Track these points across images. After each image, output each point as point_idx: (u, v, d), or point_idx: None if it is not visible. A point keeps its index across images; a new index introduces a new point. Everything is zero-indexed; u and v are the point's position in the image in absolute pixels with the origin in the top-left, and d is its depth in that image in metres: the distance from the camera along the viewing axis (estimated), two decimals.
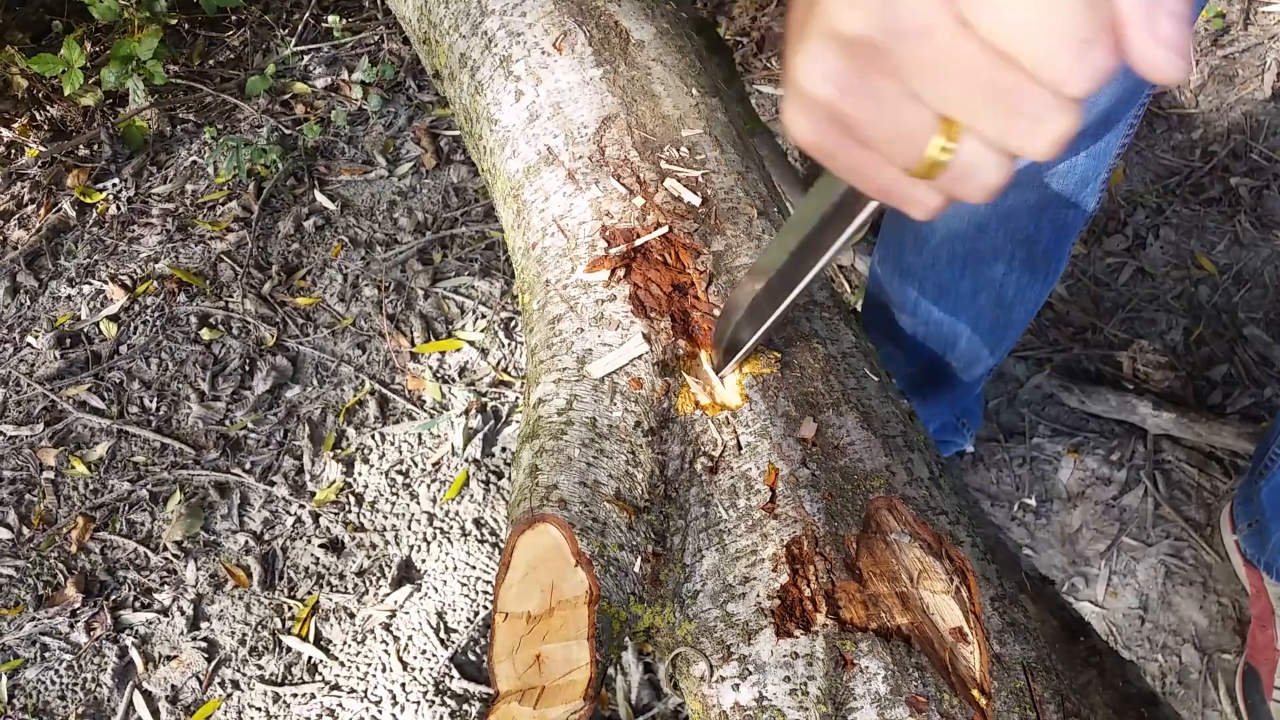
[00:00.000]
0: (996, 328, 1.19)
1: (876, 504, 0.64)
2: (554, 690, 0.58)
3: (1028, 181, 0.98)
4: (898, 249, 1.21)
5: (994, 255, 1.10)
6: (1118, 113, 0.90)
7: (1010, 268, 1.11)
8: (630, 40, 0.89)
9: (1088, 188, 1.00)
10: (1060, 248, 1.10)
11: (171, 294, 1.98)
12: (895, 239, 1.22)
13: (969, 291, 1.15)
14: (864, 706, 0.55)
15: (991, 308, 1.15)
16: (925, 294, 1.19)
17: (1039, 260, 1.10)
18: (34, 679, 1.52)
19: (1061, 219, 1.05)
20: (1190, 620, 1.36)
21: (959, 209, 1.06)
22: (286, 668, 1.49)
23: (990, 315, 1.16)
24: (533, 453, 0.67)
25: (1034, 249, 1.09)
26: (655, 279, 0.73)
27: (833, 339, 0.73)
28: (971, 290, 1.15)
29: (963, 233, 1.09)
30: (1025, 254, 1.09)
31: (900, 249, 1.20)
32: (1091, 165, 0.97)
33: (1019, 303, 1.15)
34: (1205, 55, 1.94)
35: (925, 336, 1.25)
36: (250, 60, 2.40)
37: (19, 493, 1.74)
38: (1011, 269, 1.11)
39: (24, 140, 2.29)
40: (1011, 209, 1.03)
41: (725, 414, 0.68)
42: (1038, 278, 1.13)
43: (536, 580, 0.62)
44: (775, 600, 0.60)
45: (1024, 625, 0.62)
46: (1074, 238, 1.10)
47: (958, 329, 1.20)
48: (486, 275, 1.91)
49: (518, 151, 0.85)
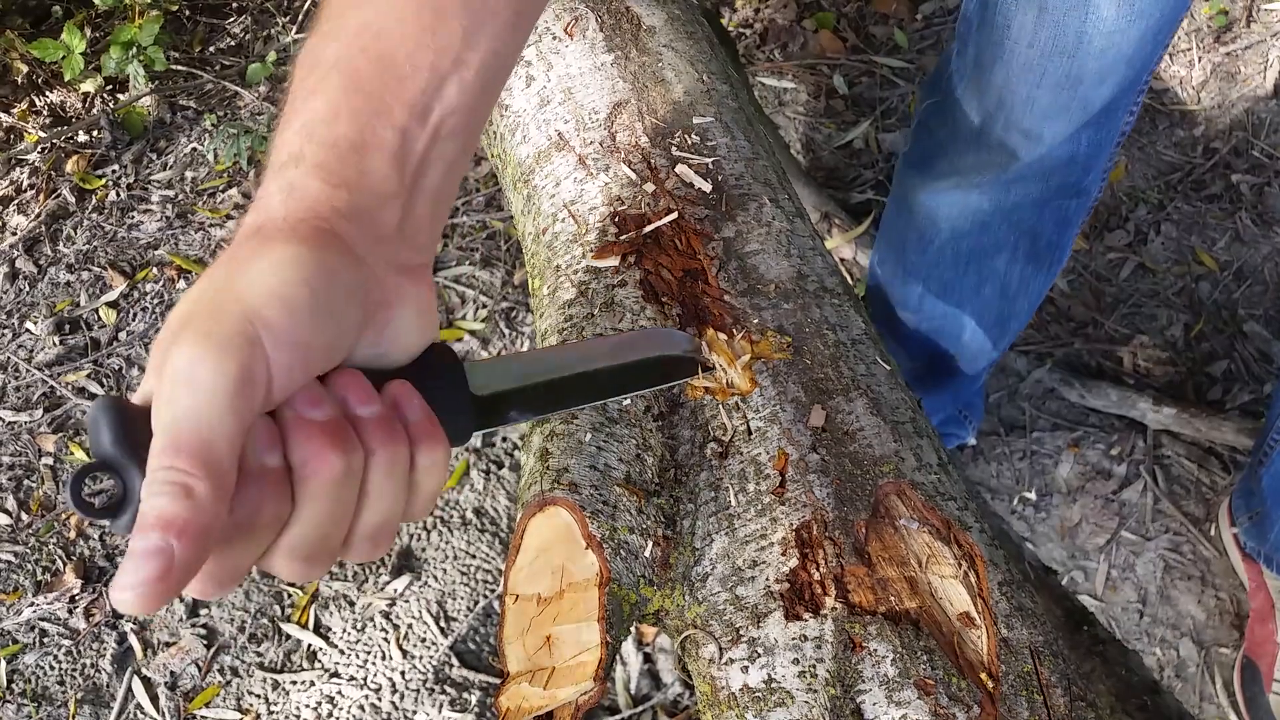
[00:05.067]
0: (1001, 319, 1.19)
1: (885, 489, 0.65)
2: (564, 671, 0.59)
3: (1033, 175, 0.99)
4: (900, 248, 1.22)
5: (997, 249, 1.11)
6: (1119, 100, 0.91)
7: (1014, 260, 1.11)
8: (641, 26, 0.89)
9: (1089, 176, 1.01)
10: (1063, 238, 1.11)
11: (171, 281, 1.97)
12: (897, 240, 1.22)
13: (973, 286, 1.16)
14: (872, 689, 0.56)
15: (996, 300, 1.16)
16: (930, 290, 1.19)
17: (1042, 251, 1.11)
18: (33, 664, 1.52)
19: (1064, 210, 1.06)
20: (1188, 614, 1.37)
21: (963, 207, 1.07)
22: (286, 655, 1.49)
23: (995, 307, 1.17)
24: (543, 437, 0.67)
25: (1038, 241, 1.09)
26: (666, 265, 0.73)
27: (842, 325, 0.73)
28: (976, 284, 1.15)
29: (967, 230, 1.09)
30: (1029, 246, 1.10)
31: (902, 248, 1.21)
32: (1093, 154, 0.97)
33: (1023, 294, 1.16)
34: (1208, 52, 1.95)
35: (929, 331, 1.26)
36: (251, 47, 2.39)
37: (18, 478, 1.73)
38: (1015, 261, 1.11)
39: (23, 126, 2.28)
40: (1017, 203, 1.04)
41: (735, 399, 0.68)
42: (1041, 268, 1.13)
43: (547, 563, 0.62)
44: (784, 584, 0.61)
45: (1031, 610, 0.62)
46: (1077, 227, 1.10)
47: (962, 322, 1.20)
48: (487, 265, 1.91)
49: (528, 137, 0.85)
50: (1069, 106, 0.89)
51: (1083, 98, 0.88)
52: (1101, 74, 0.86)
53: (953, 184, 1.06)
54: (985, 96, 0.93)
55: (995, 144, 0.96)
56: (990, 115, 0.94)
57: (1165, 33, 0.86)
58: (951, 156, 1.04)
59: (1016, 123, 0.93)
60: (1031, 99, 0.89)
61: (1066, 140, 0.94)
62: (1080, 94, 0.88)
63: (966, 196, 1.05)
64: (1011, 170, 0.97)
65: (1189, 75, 1.93)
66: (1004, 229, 1.08)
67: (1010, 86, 0.90)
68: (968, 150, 1.00)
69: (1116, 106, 0.92)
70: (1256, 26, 1.96)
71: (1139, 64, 0.87)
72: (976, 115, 0.96)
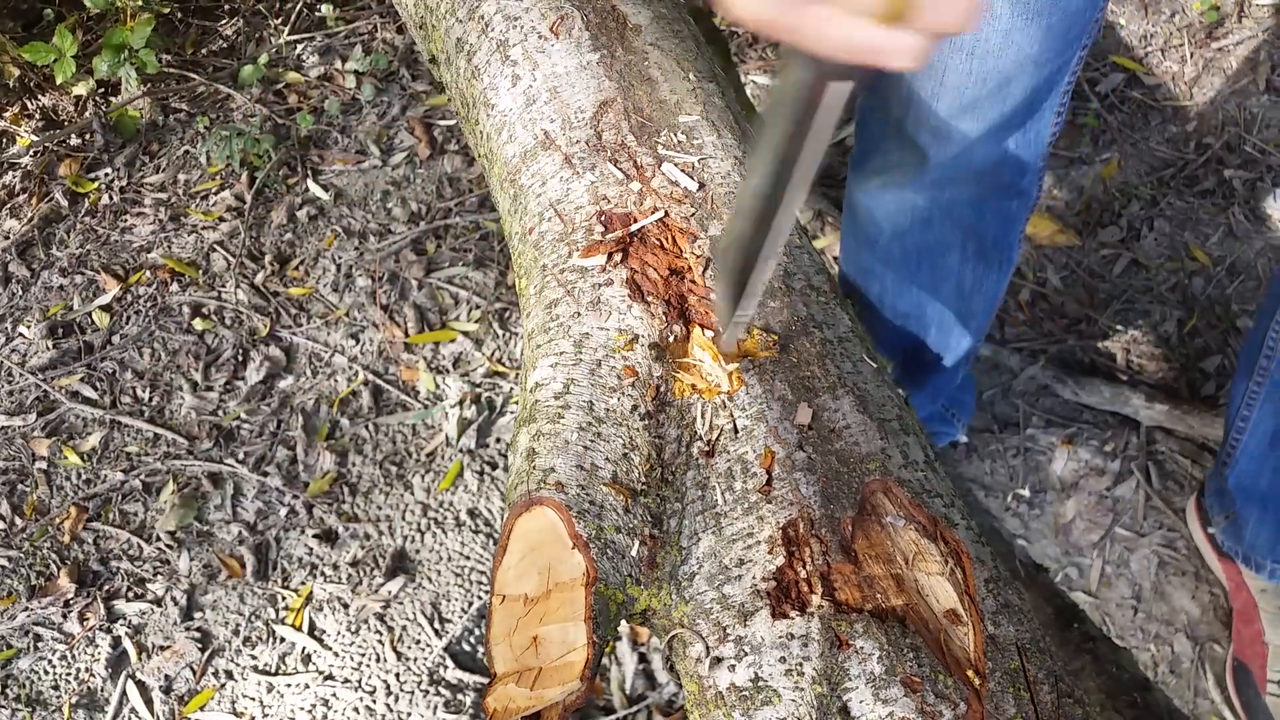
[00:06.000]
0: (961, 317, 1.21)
1: (872, 487, 0.64)
2: (551, 671, 0.58)
3: (961, 174, 0.99)
4: (854, 251, 1.24)
5: (945, 248, 1.12)
6: (1038, 100, 0.91)
7: (964, 258, 1.12)
8: (628, 24, 0.89)
9: (1025, 178, 1.02)
10: (1008, 237, 1.12)
11: (164, 284, 1.97)
12: (849, 243, 1.24)
13: (929, 284, 1.17)
14: (859, 686, 0.56)
15: (954, 298, 1.17)
16: (887, 291, 1.21)
17: (990, 250, 1.12)
18: (27, 669, 1.52)
19: (1005, 209, 1.07)
20: (1182, 610, 1.37)
21: (900, 205, 1.07)
22: (280, 658, 1.49)
23: (954, 306, 1.19)
24: (530, 436, 0.67)
25: (983, 240, 1.10)
26: (652, 263, 0.73)
27: (829, 323, 0.73)
28: (931, 282, 1.17)
29: (908, 228, 1.10)
30: (976, 245, 1.11)
31: (856, 250, 1.22)
32: (1025, 154, 0.97)
33: (978, 292, 1.17)
34: (1200, 48, 1.95)
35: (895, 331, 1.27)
36: (243, 49, 2.39)
37: (11, 483, 1.73)
38: (965, 259, 1.13)
39: (15, 129, 2.27)
40: (952, 201, 1.04)
41: (722, 398, 0.68)
42: (991, 267, 1.15)
43: (534, 563, 0.62)
44: (771, 582, 0.60)
45: (1018, 607, 0.62)
46: (1021, 226, 1.11)
47: (925, 321, 1.22)
48: (481, 266, 1.91)
49: (514, 136, 0.85)
50: (975, 106, 0.88)
51: (989, 98, 0.87)
52: (1005, 73, 0.85)
53: (883, 182, 1.07)
54: (899, 94, 0.94)
55: (908, 142, 0.97)
56: (904, 113, 0.95)
57: (1075, 32, 0.85)
58: (883, 154, 1.05)
59: (924, 120, 0.93)
60: (936, 95, 0.89)
61: (982, 140, 0.93)
62: (985, 95, 0.87)
63: (901, 194, 1.06)
64: (932, 169, 0.98)
65: (1181, 71, 1.94)
66: (946, 226, 1.08)
67: (914, 85, 0.90)
68: (893, 148, 1.01)
69: (1035, 106, 0.91)
70: (1248, 22, 1.96)
71: (1051, 65, 0.86)
72: (894, 112, 0.97)
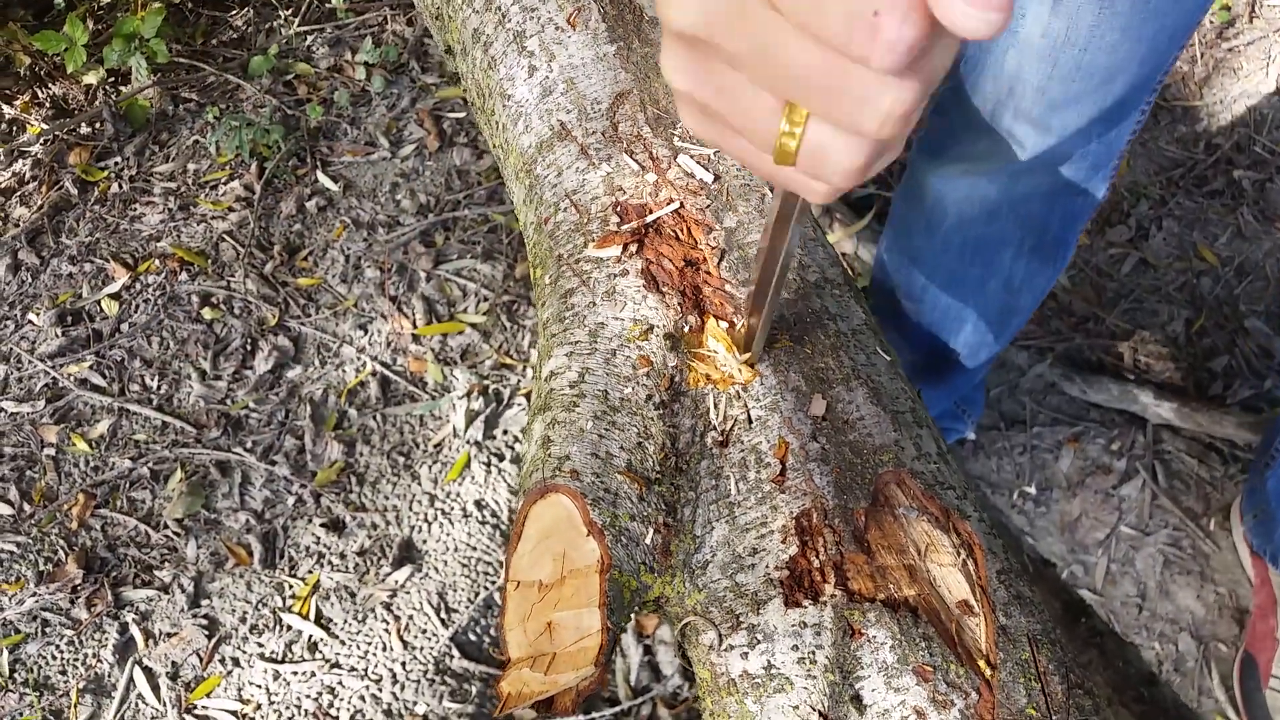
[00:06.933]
0: (1003, 314, 1.19)
1: (885, 478, 0.65)
2: (565, 656, 0.59)
3: (1042, 167, 0.99)
4: (907, 234, 1.22)
5: (1003, 242, 1.11)
6: (1133, 99, 0.91)
7: (1019, 254, 1.11)
8: (644, 17, 0.89)
9: (1098, 174, 1.01)
10: (1069, 234, 1.11)
11: (173, 273, 1.97)
12: (905, 224, 1.22)
13: (978, 278, 1.16)
14: (871, 675, 0.56)
15: (1000, 294, 1.16)
16: (934, 280, 1.19)
17: (1048, 247, 1.11)
18: (35, 654, 1.53)
19: (1072, 205, 1.06)
20: (1187, 609, 1.37)
21: (971, 194, 1.07)
22: (287, 645, 1.50)
23: (998, 302, 1.17)
24: (545, 425, 0.68)
25: (1044, 235, 1.09)
26: (667, 254, 0.73)
27: (843, 315, 0.73)
28: (980, 277, 1.15)
29: (974, 218, 1.09)
30: (1035, 240, 1.10)
31: (909, 234, 1.21)
32: (1103, 151, 0.97)
33: (1026, 289, 1.16)
34: (1210, 48, 1.95)
35: (931, 324, 1.26)
36: (253, 40, 2.39)
37: (20, 469, 1.74)
38: (1020, 255, 1.12)
39: (26, 118, 2.28)
40: (1025, 195, 1.04)
41: (736, 388, 0.68)
42: (1046, 264, 1.13)
43: (548, 549, 0.63)
44: (784, 571, 0.61)
45: (1029, 599, 0.63)
46: (1082, 224, 1.10)
47: (964, 315, 1.20)
48: (489, 258, 1.91)
49: (530, 127, 0.85)
50: (1079, 100, 0.89)
51: (1093, 92, 0.88)
52: (1113, 70, 0.85)
53: (962, 170, 1.06)
54: (997, 84, 0.93)
55: (1005, 132, 0.96)
56: (1001, 103, 0.94)
57: (1181, 33, 0.85)
58: (963, 143, 1.03)
59: (1026, 113, 0.92)
60: (1042, 90, 0.89)
61: (1076, 135, 0.93)
62: (1091, 88, 0.87)
63: (975, 184, 1.05)
64: (1020, 160, 0.97)
65: (1191, 71, 1.93)
66: (1011, 221, 1.08)
67: (1021, 76, 0.89)
68: (979, 137, 1.00)
69: (1128, 104, 0.92)
70: (1259, 22, 1.95)
71: (1152, 63, 0.87)
72: (988, 102, 0.96)
